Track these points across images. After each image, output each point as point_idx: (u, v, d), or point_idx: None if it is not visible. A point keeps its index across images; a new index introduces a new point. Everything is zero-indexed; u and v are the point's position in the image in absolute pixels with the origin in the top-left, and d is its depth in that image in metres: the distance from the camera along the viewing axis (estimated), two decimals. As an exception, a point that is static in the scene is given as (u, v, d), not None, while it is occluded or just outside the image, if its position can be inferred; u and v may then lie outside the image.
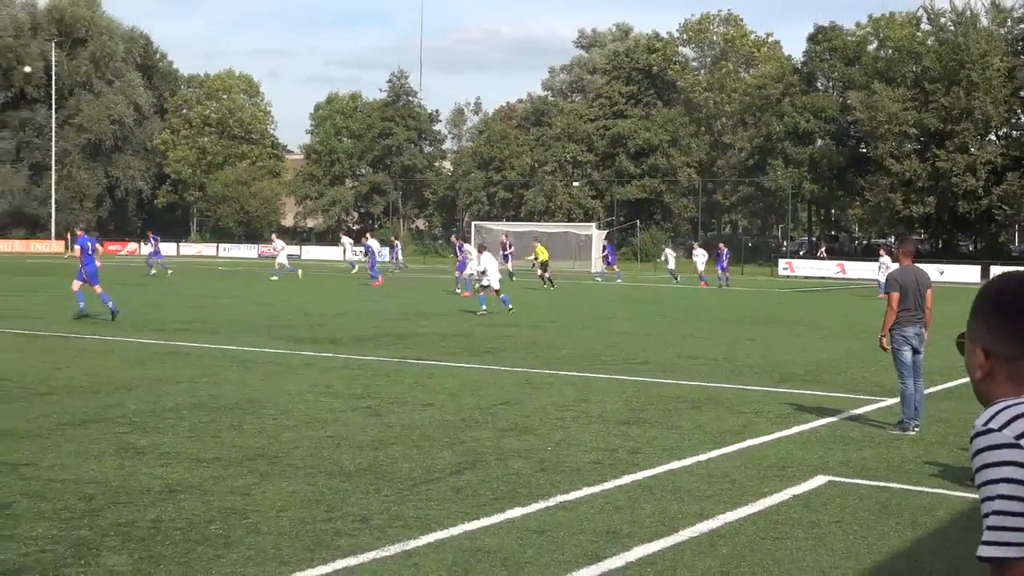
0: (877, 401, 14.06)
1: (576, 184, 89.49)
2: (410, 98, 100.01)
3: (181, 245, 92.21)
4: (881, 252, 39.91)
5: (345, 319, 26.10)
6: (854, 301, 39.21)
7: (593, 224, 75.51)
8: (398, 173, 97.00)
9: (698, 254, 53.30)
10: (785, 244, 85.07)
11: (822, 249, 76.29)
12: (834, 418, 12.70)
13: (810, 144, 78.23)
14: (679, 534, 7.62)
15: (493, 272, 28.93)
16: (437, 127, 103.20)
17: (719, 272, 49.74)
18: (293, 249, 70.88)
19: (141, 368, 15.90)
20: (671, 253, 54.27)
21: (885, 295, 12.51)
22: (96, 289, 24.55)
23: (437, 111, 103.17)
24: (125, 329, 21.99)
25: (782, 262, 67.26)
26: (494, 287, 28.76)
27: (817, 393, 14.77)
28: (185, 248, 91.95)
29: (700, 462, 10.07)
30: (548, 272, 45.10)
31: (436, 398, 13.50)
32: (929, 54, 70.12)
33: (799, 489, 9.07)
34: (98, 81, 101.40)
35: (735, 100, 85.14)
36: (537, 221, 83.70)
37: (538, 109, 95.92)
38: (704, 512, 8.22)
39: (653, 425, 11.91)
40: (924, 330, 12.22)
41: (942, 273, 55.33)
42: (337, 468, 9.38)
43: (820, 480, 9.42)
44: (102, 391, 13.49)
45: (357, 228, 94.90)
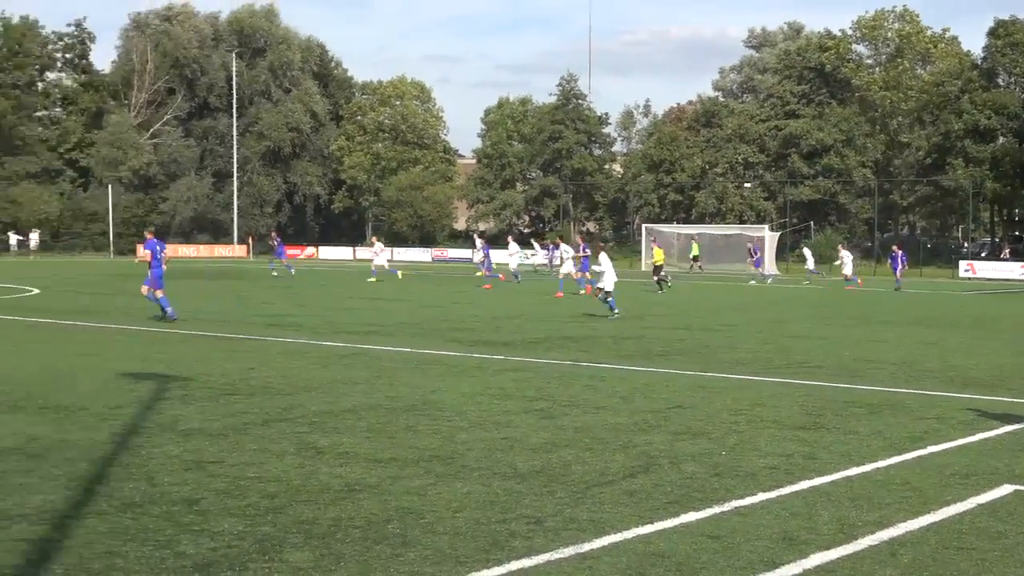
0: (1066, 407, 13.52)
1: (747, 185, 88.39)
2: (580, 101, 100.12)
3: (357, 250, 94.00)
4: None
5: (519, 322, 26.26)
6: (1039, 304, 37.82)
7: (765, 226, 74.44)
8: (568, 176, 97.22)
9: (844, 255, 52.03)
10: (966, 245, 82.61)
11: (1006, 250, 73.85)
12: (1020, 425, 12.26)
13: (991, 142, 75.81)
14: (858, 542, 7.45)
15: (609, 274, 28.36)
16: (607, 130, 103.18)
17: (895, 275, 48.56)
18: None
19: (322, 370, 16.26)
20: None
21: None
22: (157, 293, 24.85)
23: (607, 114, 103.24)
24: (306, 332, 22.54)
25: (963, 264, 65.29)
26: (606, 288, 28.14)
27: (1002, 399, 14.26)
28: (361, 252, 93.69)
29: (879, 468, 9.83)
30: (663, 275, 44.00)
31: (609, 401, 13.48)
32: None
33: (984, 498, 8.76)
34: (276, 90, 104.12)
35: (911, 98, 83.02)
36: (708, 223, 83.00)
37: (708, 110, 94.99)
38: (884, 520, 8.02)
39: (830, 430, 11.68)
40: None
41: None
42: (511, 470, 9.44)
43: (1006, 489, 9.08)
44: (284, 392, 13.85)
45: (528, 231, 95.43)
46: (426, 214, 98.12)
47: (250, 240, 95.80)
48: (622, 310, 27.89)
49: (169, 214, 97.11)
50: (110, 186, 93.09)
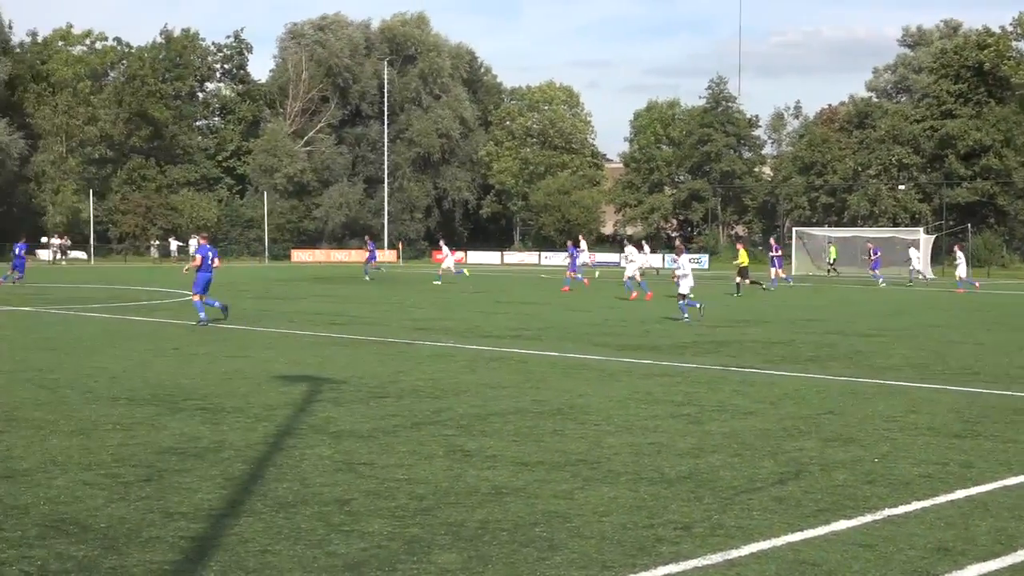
0: None
1: (902, 187, 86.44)
2: (729, 104, 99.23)
3: (505, 254, 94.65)
4: None
5: (667, 326, 26.11)
6: None
7: (920, 228, 72.71)
8: (717, 179, 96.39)
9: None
10: None
11: None
12: None
13: None
14: (1017, 554, 7.21)
15: (688, 278, 27.80)
16: (756, 132, 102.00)
17: None
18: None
19: (470, 374, 16.40)
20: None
21: None
22: (195, 297, 25.25)
23: (756, 116, 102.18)
24: (453, 336, 22.77)
25: None
26: (681, 291, 27.67)
27: None
28: (508, 256, 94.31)
29: (1040, 478, 9.51)
30: (747, 279, 42.96)
31: (757, 406, 13.31)
32: None
33: None
34: (426, 96, 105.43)
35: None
36: (860, 226, 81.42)
37: (861, 111, 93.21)
38: (1045, 531, 7.76)
39: (987, 438, 11.34)
40: None
41: None
42: (658, 475, 9.39)
43: None
44: (433, 395, 14.00)
45: (675, 235, 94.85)
46: (574, 218, 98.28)
47: (400, 245, 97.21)
48: (760, 309, 27.50)
49: (322, 220, 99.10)
50: (265, 193, 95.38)
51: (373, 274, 56.69)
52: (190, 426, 11.50)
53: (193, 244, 70.43)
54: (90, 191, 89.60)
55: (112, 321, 26.51)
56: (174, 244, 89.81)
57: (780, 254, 50.84)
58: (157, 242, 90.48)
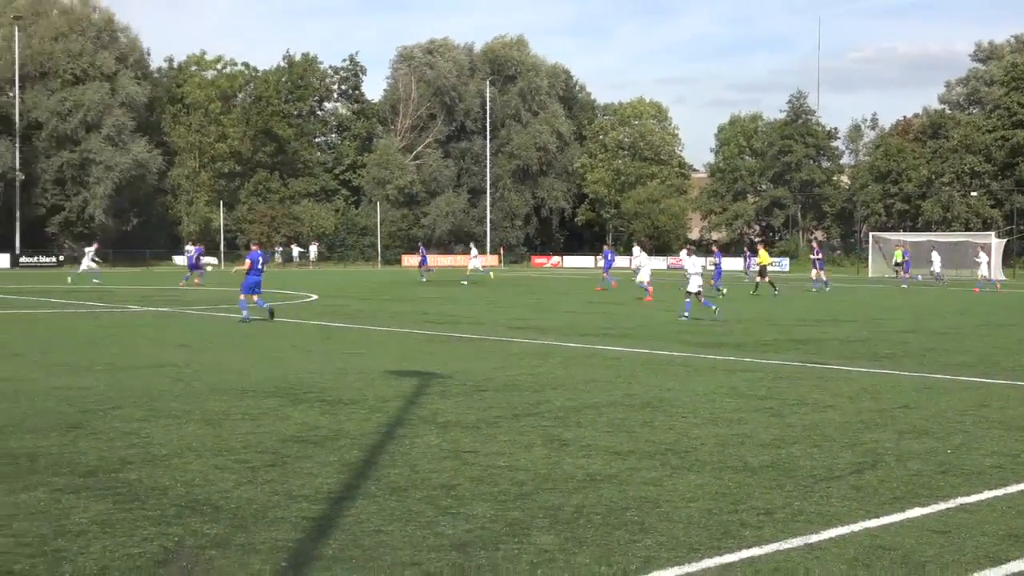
0: None
1: (974, 194, 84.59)
2: (809, 117, 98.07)
3: (598, 259, 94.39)
4: None
5: (749, 325, 25.85)
6: None
7: (992, 233, 71.03)
8: (797, 188, 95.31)
9: (982, 257, 49.01)
10: None
11: None
12: None
13: None
14: (1086, 541, 7.03)
15: (695, 277, 27.42)
16: (835, 143, 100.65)
17: None
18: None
19: (564, 369, 16.38)
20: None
21: None
22: (241, 296, 25.82)
23: (835, 128, 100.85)
24: (549, 334, 22.77)
25: None
26: (690, 290, 27.24)
27: None
28: (602, 261, 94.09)
29: (1108, 470, 9.24)
30: (765, 278, 43.12)
31: (836, 400, 13.12)
32: None
33: None
34: (525, 113, 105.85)
35: None
36: (934, 231, 79.90)
37: (934, 122, 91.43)
38: (1113, 520, 7.54)
39: (1057, 431, 11.06)
40: None
41: None
42: (742, 464, 9.30)
43: None
44: (531, 389, 14.00)
45: (759, 240, 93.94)
46: (662, 225, 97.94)
47: (501, 250, 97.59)
48: (838, 308, 27.08)
49: (429, 227, 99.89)
50: (378, 203, 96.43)
51: (429, 276, 56.05)
52: (310, 416, 11.64)
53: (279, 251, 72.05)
54: (220, 202, 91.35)
55: (238, 321, 26.88)
56: (296, 250, 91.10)
57: (821, 256, 50.41)
58: (280, 248, 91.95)
